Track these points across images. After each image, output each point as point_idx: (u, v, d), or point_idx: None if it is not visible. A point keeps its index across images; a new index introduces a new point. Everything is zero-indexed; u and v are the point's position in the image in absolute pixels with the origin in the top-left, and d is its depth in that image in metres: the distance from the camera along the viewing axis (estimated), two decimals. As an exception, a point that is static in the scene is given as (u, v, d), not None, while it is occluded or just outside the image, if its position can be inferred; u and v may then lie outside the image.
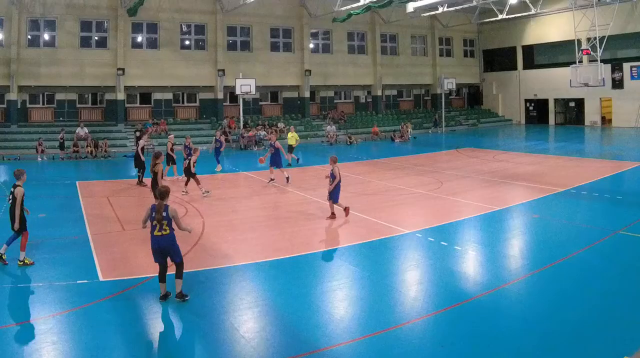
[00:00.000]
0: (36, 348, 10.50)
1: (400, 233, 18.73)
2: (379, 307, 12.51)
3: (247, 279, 14.67)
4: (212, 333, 11.31)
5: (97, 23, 52.50)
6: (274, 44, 60.17)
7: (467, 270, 15.59)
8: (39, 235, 17.79)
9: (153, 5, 51.80)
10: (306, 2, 59.43)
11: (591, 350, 10.33)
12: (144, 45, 54.63)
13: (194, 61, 55.57)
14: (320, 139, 55.82)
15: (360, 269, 15.41)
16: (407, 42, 68.39)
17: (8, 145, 45.43)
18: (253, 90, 52.84)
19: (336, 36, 63.13)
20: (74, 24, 50.93)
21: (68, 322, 11.76)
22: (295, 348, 10.50)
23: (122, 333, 11.30)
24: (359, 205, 23.20)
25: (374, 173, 33.15)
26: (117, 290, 13.51)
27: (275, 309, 12.55)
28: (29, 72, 49.04)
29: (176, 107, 57.65)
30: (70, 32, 50.84)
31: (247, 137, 51.73)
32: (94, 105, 54.71)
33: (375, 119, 63.41)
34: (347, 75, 63.32)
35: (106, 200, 25.39)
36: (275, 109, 62.34)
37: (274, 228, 20.36)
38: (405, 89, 70.73)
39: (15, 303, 13.03)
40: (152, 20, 53.96)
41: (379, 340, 10.81)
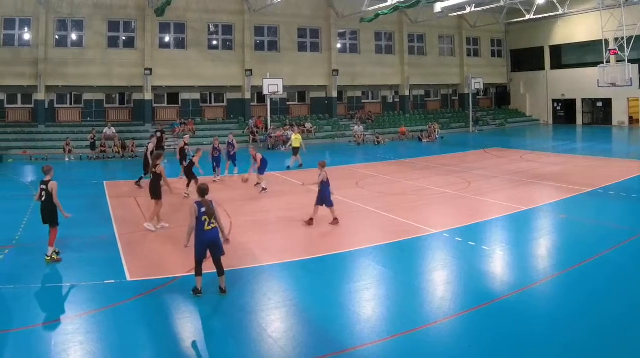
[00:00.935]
0: (64, 348, 10.32)
1: (427, 233, 18.42)
2: (406, 307, 12.38)
3: (275, 279, 14.49)
4: (239, 333, 11.14)
5: (124, 23, 51.17)
6: (301, 44, 58.34)
7: (494, 270, 15.41)
8: (66, 235, 17.44)
9: (180, 5, 50.42)
10: (334, 2, 57.76)
11: (621, 354, 10.08)
12: (172, 45, 53.18)
13: (222, 61, 54.09)
14: (348, 139, 54.15)
15: (387, 269, 15.22)
16: (434, 42, 65.94)
17: (36, 145, 44.50)
18: (280, 90, 51.48)
19: (364, 36, 61.06)
20: (101, 24, 49.67)
21: (95, 321, 11.63)
22: (323, 348, 10.38)
23: (149, 333, 11.21)
24: (387, 205, 23.04)
25: (401, 173, 32.33)
26: (144, 290, 13.35)
27: (302, 309, 12.37)
28: (57, 72, 47.78)
29: (204, 107, 56.14)
30: (97, 32, 49.55)
31: (275, 137, 50.38)
32: (121, 105, 53.48)
33: (402, 119, 61.64)
34: (375, 75, 61.16)
35: (133, 200, 24.72)
36: (302, 109, 60.56)
37: (301, 228, 19.78)
38: (432, 89, 68.54)
39: (43, 303, 12.74)
40: (180, 20, 52.55)
41: (406, 340, 10.68)
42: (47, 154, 42.21)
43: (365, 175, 31.62)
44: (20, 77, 46.64)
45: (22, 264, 15.45)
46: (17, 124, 48.08)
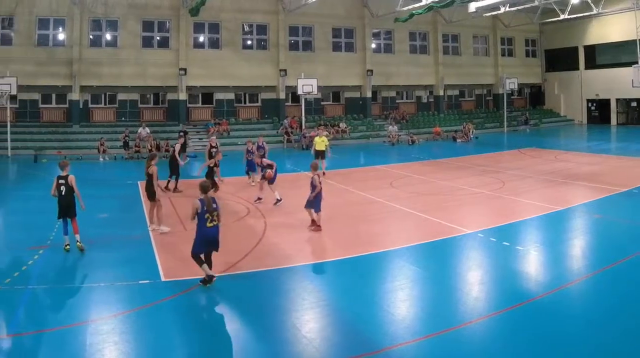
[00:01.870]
0: (98, 349, 10.06)
1: (462, 234, 17.88)
2: (440, 307, 12.03)
3: (309, 279, 14.17)
4: (274, 334, 10.89)
5: (159, 23, 49.40)
6: (335, 44, 55.97)
7: (528, 270, 14.92)
8: (101, 235, 17.60)
9: (215, 5, 48.55)
10: (368, 2, 55.32)
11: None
12: (206, 45, 51.26)
13: (256, 61, 52.06)
14: (382, 139, 51.97)
15: (422, 269, 14.82)
16: (469, 42, 63.23)
17: (70, 145, 43.19)
18: (315, 90, 49.40)
19: (398, 36, 58.42)
20: (135, 24, 48.10)
21: (130, 322, 11.35)
22: (357, 348, 10.08)
23: (183, 333, 11.02)
24: (421, 205, 22.50)
25: (436, 173, 31.26)
26: (178, 290, 13.01)
27: (336, 309, 12.09)
28: (91, 72, 46.32)
29: (238, 107, 54.03)
30: (132, 32, 47.97)
31: (309, 137, 47.51)
32: (155, 105, 51.61)
33: (437, 119, 59.19)
34: (409, 75, 58.64)
35: (168, 200, 23.67)
36: (337, 109, 58.02)
37: (334, 228, 19.05)
38: (467, 89, 65.21)
39: (77, 303, 12.43)
40: (214, 20, 50.67)
41: (440, 340, 10.38)
42: (81, 154, 41.17)
43: (400, 176, 30.63)
44: (54, 77, 45.34)
45: (56, 264, 15.19)
46: (52, 124, 46.72)
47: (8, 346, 10.27)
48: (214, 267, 13.54)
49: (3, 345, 10.28)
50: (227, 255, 14.90)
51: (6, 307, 11.99)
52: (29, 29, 45.12)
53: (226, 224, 18.18)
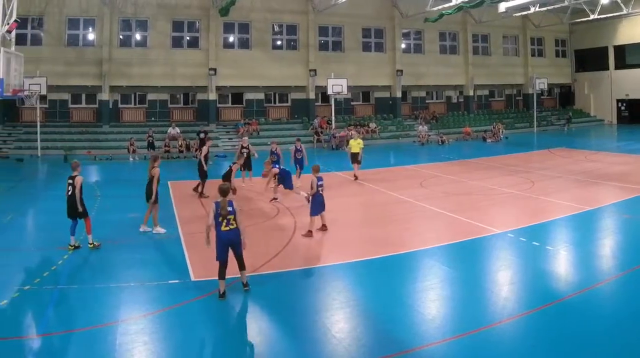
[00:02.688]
0: (128, 349, 9.74)
1: (492, 233, 17.37)
2: (470, 307, 11.61)
3: (339, 279, 13.71)
4: (304, 333, 10.52)
5: (188, 23, 47.61)
6: (365, 44, 53.58)
7: (558, 270, 14.47)
8: (131, 235, 17.31)
9: (245, 5, 46.72)
10: (398, 2, 53.03)
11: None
12: (236, 45, 49.37)
13: (286, 61, 50.00)
14: (412, 139, 49.86)
15: (451, 269, 14.36)
16: (498, 42, 60.68)
17: (100, 145, 41.88)
18: (345, 90, 47.39)
19: (428, 36, 56.08)
20: (165, 24, 46.40)
21: (160, 322, 11.06)
22: (387, 348, 9.75)
23: (213, 333, 10.71)
24: (451, 205, 21.77)
25: (465, 173, 30.25)
26: (208, 290, 12.50)
27: (366, 309, 11.72)
28: (121, 72, 44.80)
29: (268, 107, 51.98)
30: (161, 32, 46.27)
31: (339, 137, 46.20)
32: (185, 105, 49.80)
33: (467, 119, 56.65)
34: (439, 75, 56.07)
35: (198, 200, 23.32)
36: (367, 109, 55.66)
37: (364, 228, 18.81)
38: (497, 89, 62.73)
39: (107, 303, 11.94)
40: (244, 20, 48.72)
41: (470, 340, 9.99)
42: (111, 153, 40.01)
43: (429, 175, 29.69)
44: (84, 77, 43.88)
45: (86, 264, 14.83)
46: (82, 124, 45.17)
47: (38, 346, 10.00)
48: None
49: (33, 345, 10.03)
50: (257, 255, 14.67)
51: (36, 307, 11.71)
52: (59, 29, 43.69)
53: (256, 224, 18.56)
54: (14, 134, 42.50)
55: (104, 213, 20.13)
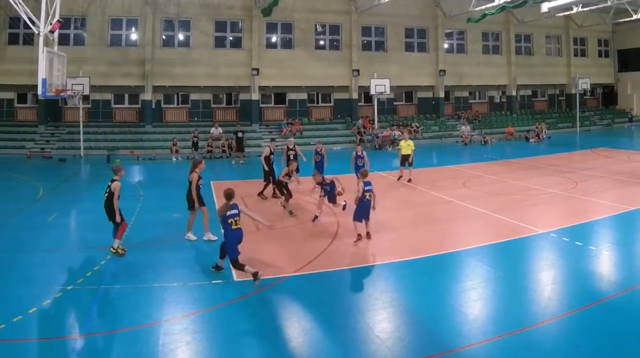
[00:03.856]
0: (171, 348, 9.40)
1: (534, 233, 16.64)
2: (513, 307, 11.05)
3: (382, 279, 13.03)
4: (346, 333, 10.05)
5: (231, 23, 44.61)
6: (408, 44, 49.91)
7: (601, 270, 13.71)
8: (175, 235, 16.51)
9: (287, 6, 43.55)
10: (441, 2, 49.32)
11: None
12: (279, 45, 46.12)
13: (329, 61, 46.59)
14: (455, 139, 46.72)
15: (494, 269, 13.61)
16: (541, 42, 56.63)
17: (143, 145, 39.41)
18: (387, 90, 44.05)
19: (471, 36, 52.34)
20: (208, 24, 43.57)
21: (202, 321, 10.58)
22: (430, 349, 9.34)
23: (255, 333, 10.21)
24: (494, 205, 20.88)
25: (508, 173, 28.89)
26: (251, 290, 12.00)
27: (409, 309, 11.13)
28: (163, 72, 42.19)
29: (311, 107, 48.59)
30: (204, 32, 43.41)
31: (382, 137, 43.27)
32: (228, 105, 46.79)
33: (509, 119, 52.96)
34: (482, 75, 51.95)
35: (240, 200, 20.38)
36: (409, 109, 52.05)
37: (407, 228, 18.10)
38: (539, 89, 59.10)
39: (150, 303, 11.36)
40: (287, 20, 45.52)
41: (513, 340, 9.56)
42: (154, 154, 37.75)
43: (472, 175, 28.40)
44: (127, 77, 41.45)
45: (129, 264, 14.09)
46: (124, 124, 42.80)
47: (81, 346, 9.57)
48: (284, 268, 13.32)
49: (76, 345, 9.59)
50: (299, 255, 14.34)
51: (79, 307, 11.24)
52: (102, 30, 41.38)
53: (301, 224, 18.01)
54: (56, 134, 40.37)
55: (147, 213, 19.45)
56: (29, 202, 21.85)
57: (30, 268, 13.59)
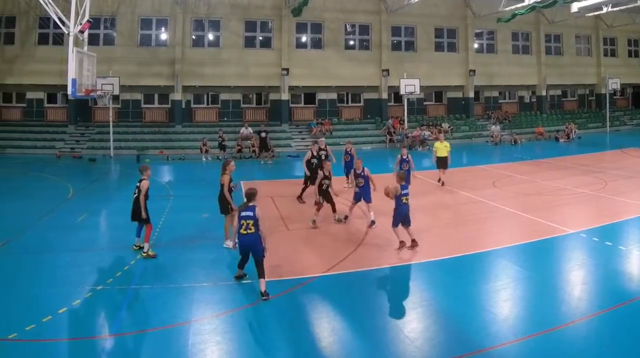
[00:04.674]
0: (200, 348, 9.10)
1: (564, 234, 15.84)
2: (543, 307, 10.61)
3: (411, 279, 12.66)
4: (376, 333, 9.66)
5: (261, 23, 42.30)
6: (438, 44, 47.26)
7: (631, 270, 13.03)
8: (204, 235, 15.84)
9: (317, 5, 41.44)
10: (471, 2, 46.67)
11: None
12: (309, 45, 43.74)
13: (358, 61, 44.01)
14: (485, 139, 44.26)
15: (524, 269, 13.00)
16: (571, 42, 53.74)
17: (173, 145, 37.63)
18: (417, 90, 41.77)
19: (500, 36, 49.57)
20: (238, 24, 41.40)
21: (232, 321, 10.18)
22: (459, 348, 8.96)
23: (285, 333, 9.80)
24: (523, 205, 20.02)
25: (538, 173, 27.73)
26: (280, 290, 11.53)
27: (438, 309, 10.70)
28: (193, 72, 40.16)
29: (340, 107, 46.00)
30: (234, 32, 41.20)
31: (412, 137, 40.91)
32: (258, 105, 44.40)
33: (539, 119, 50.27)
34: (512, 75, 49.09)
35: (270, 200, 21.37)
36: (439, 109, 49.42)
37: (437, 228, 17.08)
38: (569, 89, 56.20)
39: (179, 303, 10.99)
40: (317, 20, 43.13)
41: (543, 340, 9.17)
42: (183, 153, 36.15)
43: (502, 175, 27.37)
44: (157, 77, 39.55)
45: (158, 264, 13.51)
46: (154, 124, 40.85)
47: (111, 346, 9.18)
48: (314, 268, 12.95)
49: (106, 345, 9.21)
50: (329, 255, 13.96)
51: (109, 307, 10.80)
52: (132, 29, 39.47)
53: (330, 225, 17.13)
54: (86, 134, 38.60)
55: (176, 213, 18.82)
56: (59, 202, 20.98)
57: (60, 268, 13.14)
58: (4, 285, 11.95)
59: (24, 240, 15.76)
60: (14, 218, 18.11)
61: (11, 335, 9.38)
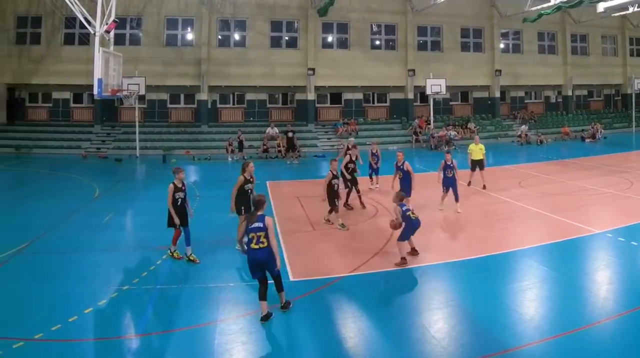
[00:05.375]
0: (227, 349, 8.73)
1: (590, 234, 15.13)
2: (569, 307, 10.14)
3: (438, 279, 12.02)
4: (402, 333, 9.24)
5: (287, 23, 40.41)
6: (464, 44, 44.92)
7: None
8: (230, 235, 14.52)
9: (343, 5, 39.55)
10: (497, 2, 44.38)
11: None
12: (334, 45, 41.70)
13: (384, 61, 41.94)
14: (511, 139, 42.19)
15: (550, 269, 12.38)
16: (597, 41, 51.14)
17: (199, 145, 35.92)
18: (443, 90, 39.90)
19: (526, 36, 47.19)
20: (264, 24, 39.54)
21: (258, 322, 9.60)
22: (486, 348, 8.58)
23: (311, 333, 9.35)
24: (549, 205, 19.01)
25: (564, 173, 26.67)
26: (307, 290, 11.09)
27: (465, 309, 10.21)
28: (219, 72, 38.44)
29: (366, 107, 43.82)
30: (260, 32, 39.38)
31: (438, 137, 38.83)
32: (284, 105, 42.38)
33: (565, 119, 47.91)
34: (537, 75, 46.61)
35: (296, 200, 20.90)
36: (465, 109, 47.12)
37: (464, 228, 16.32)
38: (595, 89, 53.61)
39: (206, 303, 10.57)
40: (343, 20, 41.11)
41: (569, 340, 8.81)
42: (209, 153, 34.36)
43: (528, 175, 26.38)
44: (183, 77, 37.83)
45: (184, 264, 12.77)
46: (180, 124, 39.09)
47: (136, 346, 8.79)
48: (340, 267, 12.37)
49: (132, 345, 8.80)
50: (355, 254, 13.30)
51: (135, 307, 10.31)
52: (158, 29, 37.86)
53: (356, 224, 16.61)
54: (112, 134, 36.95)
55: (202, 213, 17.63)
56: (85, 202, 20.32)
57: (86, 268, 12.66)
58: (30, 285, 11.50)
59: (50, 239, 15.17)
60: (40, 218, 17.47)
61: (37, 335, 8.97)
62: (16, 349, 8.59)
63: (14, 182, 26.27)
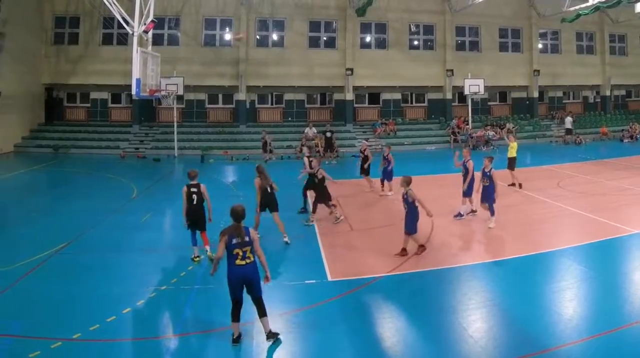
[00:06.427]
0: (264, 348, 8.26)
1: (628, 234, 14.19)
2: (607, 307, 9.57)
3: (476, 279, 11.33)
4: (440, 333, 8.78)
5: (325, 23, 37.63)
6: (502, 44, 41.95)
7: None
8: (267, 235, 13.81)
9: (382, 5, 37.07)
10: (535, 2, 41.37)
11: None
12: (373, 45, 38.85)
13: (423, 61, 39.04)
14: (549, 139, 39.59)
15: (588, 269, 11.79)
16: (635, 42, 47.45)
17: (237, 145, 33.75)
18: (481, 90, 37.04)
19: (564, 36, 44.02)
20: (302, 24, 36.93)
21: (296, 321, 9.20)
22: (524, 348, 8.11)
23: (349, 333, 8.86)
24: (588, 205, 17.89)
25: (602, 173, 25.32)
26: (345, 290, 10.59)
27: (503, 309, 9.66)
28: (257, 72, 35.94)
29: (404, 107, 40.89)
30: (298, 32, 36.70)
31: (476, 137, 36.17)
32: (322, 105, 39.56)
33: (603, 119, 44.60)
34: (576, 75, 43.74)
35: (334, 200, 18.66)
36: (503, 109, 44.04)
37: (501, 228, 15.12)
38: (633, 89, 49.87)
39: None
40: (381, 20, 38.31)
41: (607, 340, 8.33)
42: (248, 153, 31.99)
43: (566, 175, 25.07)
44: (221, 77, 35.50)
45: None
46: (218, 124, 36.63)
47: (174, 346, 8.43)
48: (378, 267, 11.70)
49: (170, 345, 8.45)
50: (393, 255, 12.44)
51: (173, 307, 9.88)
52: (196, 29, 35.53)
53: (393, 225, 15.25)
54: (150, 134, 34.56)
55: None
56: (123, 202, 19.67)
57: (125, 268, 12.13)
58: (68, 284, 10.94)
59: (89, 239, 14.58)
60: (79, 218, 16.80)
61: (75, 335, 8.54)
62: (54, 349, 8.11)
63: (52, 182, 25.21)
